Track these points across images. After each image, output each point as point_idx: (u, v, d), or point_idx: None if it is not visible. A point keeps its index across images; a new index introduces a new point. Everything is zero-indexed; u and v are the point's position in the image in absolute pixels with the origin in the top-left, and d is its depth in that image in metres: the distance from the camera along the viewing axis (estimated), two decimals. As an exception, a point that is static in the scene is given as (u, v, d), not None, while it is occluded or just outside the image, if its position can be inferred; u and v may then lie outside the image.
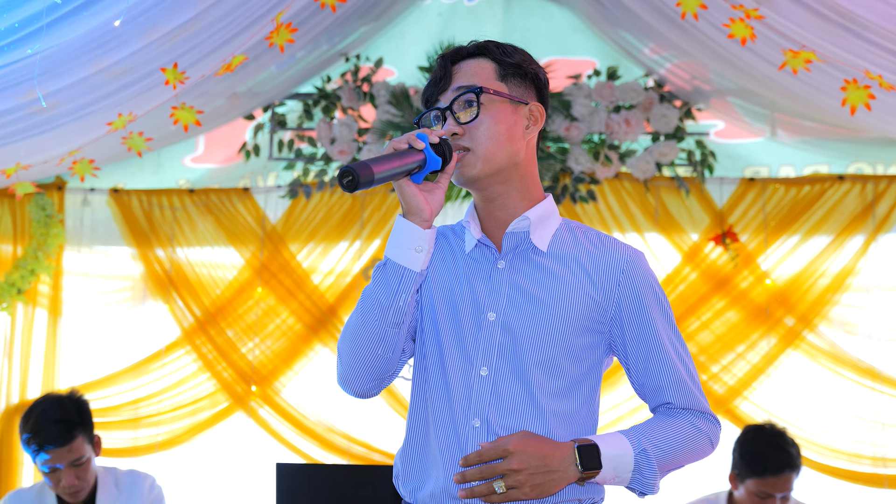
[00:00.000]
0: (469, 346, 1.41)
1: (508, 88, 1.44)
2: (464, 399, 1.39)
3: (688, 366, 1.46)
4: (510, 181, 1.44)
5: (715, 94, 3.44)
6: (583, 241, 1.46)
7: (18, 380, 3.69)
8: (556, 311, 1.40)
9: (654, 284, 1.46)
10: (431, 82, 1.46)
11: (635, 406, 3.39)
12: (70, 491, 2.52)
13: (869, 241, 3.40)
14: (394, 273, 1.36)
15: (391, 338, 1.38)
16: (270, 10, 2.78)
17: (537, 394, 1.38)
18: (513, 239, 1.44)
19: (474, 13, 3.66)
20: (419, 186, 1.36)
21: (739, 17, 2.39)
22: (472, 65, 1.44)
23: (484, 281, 1.43)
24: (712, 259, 3.46)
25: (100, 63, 2.80)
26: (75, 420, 2.50)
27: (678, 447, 1.41)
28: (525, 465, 1.32)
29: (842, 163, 3.51)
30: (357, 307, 1.41)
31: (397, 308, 1.36)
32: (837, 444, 3.33)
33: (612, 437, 1.38)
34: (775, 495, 2.59)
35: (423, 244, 1.35)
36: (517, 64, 1.45)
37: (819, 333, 3.38)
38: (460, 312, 1.42)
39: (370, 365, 1.41)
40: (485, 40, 1.47)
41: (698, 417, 1.45)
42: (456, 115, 1.42)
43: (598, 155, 3.43)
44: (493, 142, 1.41)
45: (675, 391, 1.44)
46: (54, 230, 3.69)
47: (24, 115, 2.94)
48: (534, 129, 1.46)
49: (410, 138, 1.34)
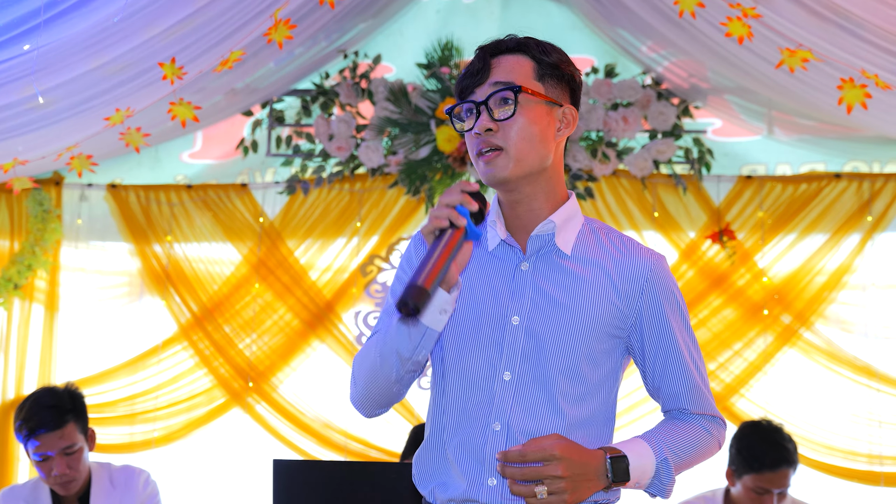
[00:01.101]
0: (492, 350, 1.40)
1: (545, 89, 1.42)
2: (485, 403, 1.39)
3: (701, 371, 1.48)
4: (538, 183, 1.42)
5: (712, 92, 3.44)
6: (606, 245, 1.45)
7: (15, 375, 3.69)
8: (580, 316, 1.40)
9: (675, 290, 1.46)
10: (468, 73, 1.42)
11: (634, 402, 3.41)
12: (62, 481, 2.51)
13: (865, 239, 3.41)
14: (417, 331, 1.35)
15: (407, 380, 1.42)
16: (269, 6, 2.78)
17: (559, 399, 1.38)
18: (537, 242, 1.42)
19: (472, 10, 3.66)
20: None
21: (737, 15, 2.40)
22: (510, 61, 1.41)
23: (507, 282, 1.42)
24: (709, 257, 3.47)
25: (98, 59, 2.80)
26: (67, 406, 2.50)
27: (693, 452, 1.44)
28: (570, 473, 1.32)
29: (838, 161, 3.52)
30: (375, 347, 1.41)
31: (416, 360, 1.38)
32: (833, 441, 3.34)
33: (637, 447, 1.39)
34: (772, 491, 2.60)
35: (448, 308, 1.34)
36: (555, 64, 1.43)
37: (815, 331, 3.39)
38: (483, 315, 1.41)
39: (384, 398, 1.45)
40: (525, 36, 1.44)
41: (709, 421, 1.48)
42: (492, 111, 1.39)
43: (595, 152, 3.43)
44: (526, 143, 1.38)
45: (690, 398, 1.46)
46: (51, 225, 3.69)
47: (22, 111, 2.94)
48: (565, 132, 1.44)
49: (452, 216, 1.30)
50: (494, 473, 1.37)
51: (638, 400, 3.42)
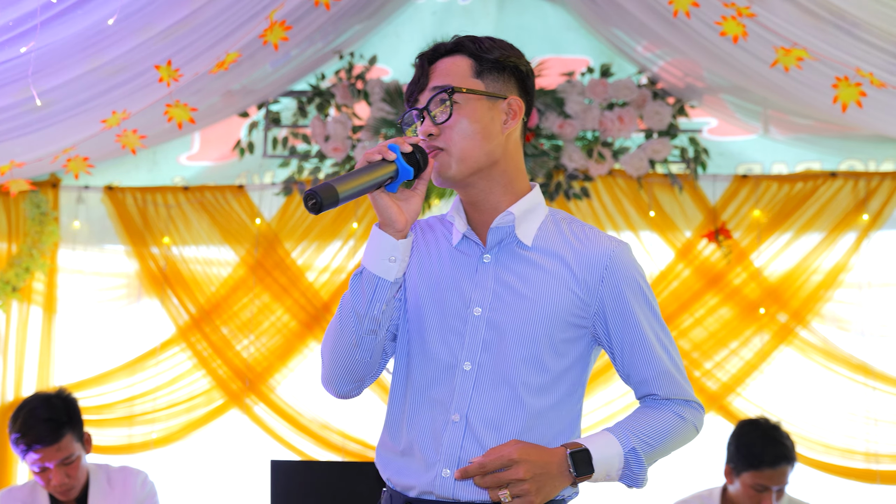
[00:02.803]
0: (454, 341, 1.42)
1: (485, 84, 1.43)
2: (446, 393, 1.41)
3: (672, 356, 1.48)
4: (491, 177, 1.43)
5: (708, 91, 3.45)
6: (567, 235, 1.46)
7: (13, 378, 3.69)
8: (541, 306, 1.41)
9: (638, 277, 1.46)
10: (412, 81, 1.47)
11: (630, 402, 3.40)
12: (61, 489, 2.53)
13: (861, 238, 3.41)
14: (369, 283, 1.37)
15: (368, 344, 1.41)
16: (264, 7, 2.78)
17: (519, 389, 1.39)
18: (497, 234, 1.44)
19: (468, 11, 3.67)
20: (394, 196, 1.36)
21: (731, 14, 2.40)
22: (448, 63, 1.44)
23: (470, 275, 1.44)
24: (705, 256, 3.47)
25: (94, 61, 2.81)
26: (63, 419, 2.50)
27: (665, 439, 1.44)
28: (531, 474, 1.33)
29: (834, 160, 3.53)
30: (336, 314, 1.43)
31: (372, 316, 1.38)
32: (830, 439, 3.35)
33: (602, 438, 1.40)
34: (771, 488, 2.61)
35: (396, 254, 1.36)
36: (495, 59, 1.44)
37: (812, 330, 3.39)
38: (446, 306, 1.43)
39: (349, 369, 1.44)
40: (463, 36, 1.47)
41: (683, 406, 1.48)
42: (432, 114, 1.42)
43: (591, 152, 3.44)
44: (468, 140, 1.40)
45: (661, 383, 1.46)
46: (49, 228, 3.69)
47: (19, 113, 2.94)
48: (513, 123, 1.45)
49: (382, 149, 1.34)
50: (450, 464, 1.39)
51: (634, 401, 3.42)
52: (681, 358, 1.49)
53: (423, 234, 1.50)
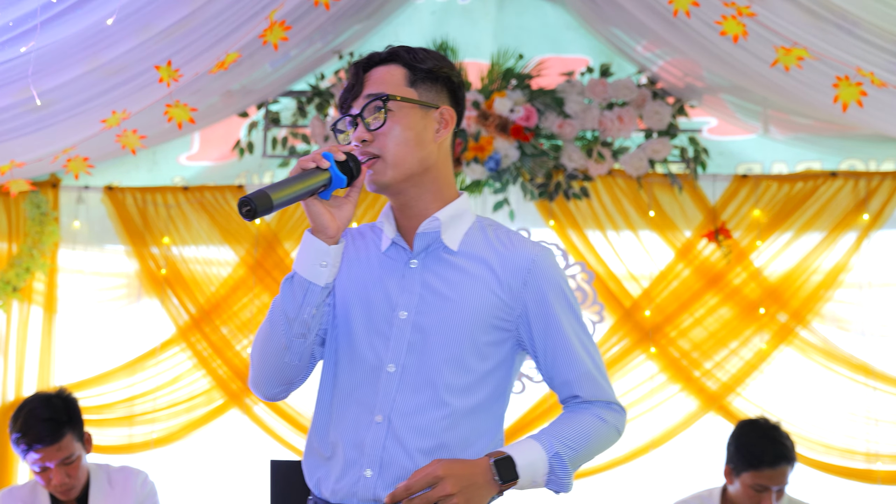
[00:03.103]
0: (379, 344, 1.45)
1: (418, 93, 1.47)
2: (370, 395, 1.44)
3: (594, 359, 1.50)
4: (422, 184, 1.47)
5: (707, 91, 3.45)
6: (493, 241, 1.49)
7: (14, 377, 3.70)
8: (465, 309, 1.44)
9: (560, 281, 1.49)
10: (345, 89, 1.49)
11: (630, 402, 3.41)
12: (61, 489, 2.53)
13: (862, 238, 3.41)
14: (300, 286, 1.40)
15: (297, 347, 1.43)
16: (264, 8, 2.78)
17: (442, 390, 1.42)
18: (424, 239, 1.48)
19: (468, 11, 3.67)
20: (327, 203, 1.39)
21: (731, 14, 2.40)
22: (382, 71, 1.47)
23: (397, 280, 1.47)
24: (705, 256, 3.47)
25: (94, 61, 2.81)
26: (63, 419, 2.50)
27: (587, 443, 1.47)
28: (459, 487, 1.35)
29: (834, 159, 3.53)
30: (266, 317, 1.46)
31: (302, 320, 1.41)
32: (830, 440, 3.35)
33: (526, 445, 1.42)
34: (771, 488, 2.61)
35: (328, 260, 1.38)
36: (428, 69, 1.48)
37: (812, 329, 3.39)
38: (373, 310, 1.46)
39: (277, 371, 1.46)
40: (397, 46, 1.51)
41: (605, 408, 1.50)
42: (366, 121, 1.45)
43: (591, 152, 3.44)
44: (402, 147, 1.44)
45: (583, 384, 1.48)
46: (49, 228, 3.69)
47: (19, 114, 2.95)
48: (444, 132, 1.49)
49: (316, 158, 1.36)
50: (372, 464, 1.41)
51: (629, 401, 3.43)
52: (603, 362, 1.53)
53: (353, 241, 1.53)
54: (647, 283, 3.48)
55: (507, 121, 3.41)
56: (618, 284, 3.49)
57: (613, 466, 3.38)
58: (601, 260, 3.50)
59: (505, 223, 3.54)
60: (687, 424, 3.40)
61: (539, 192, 3.47)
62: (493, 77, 3.48)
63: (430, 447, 1.42)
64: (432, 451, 1.42)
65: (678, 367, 3.42)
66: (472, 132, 3.43)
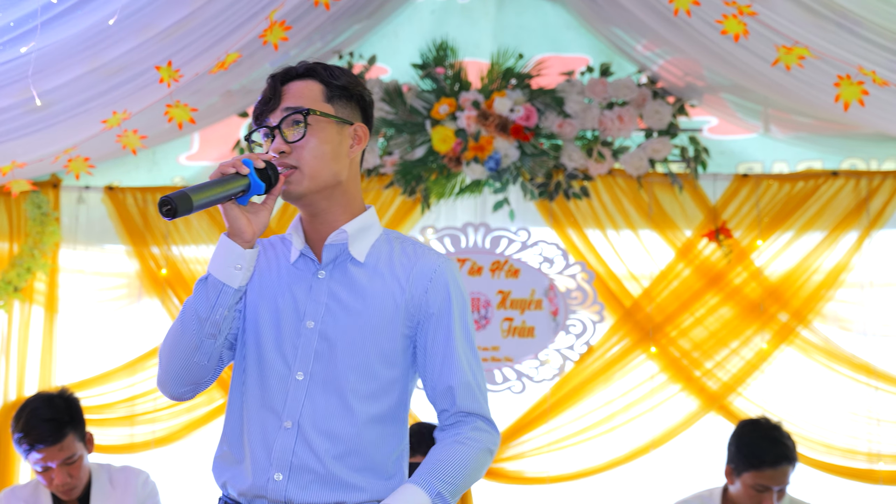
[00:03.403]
0: (288, 352, 1.49)
1: (335, 109, 1.52)
2: (279, 402, 1.48)
3: (475, 372, 1.54)
4: (333, 197, 1.52)
5: (708, 90, 3.44)
6: (398, 252, 1.55)
7: (15, 377, 3.70)
8: (370, 319, 1.50)
9: (458, 295, 1.54)
10: (262, 101, 1.53)
11: (630, 402, 3.41)
12: (63, 489, 2.54)
13: (863, 237, 3.40)
14: (213, 288, 1.45)
15: (207, 347, 1.48)
16: (264, 8, 2.78)
17: (349, 397, 1.48)
18: (332, 251, 1.52)
19: (467, 11, 3.66)
20: (244, 208, 1.43)
21: (732, 13, 2.40)
22: (300, 86, 1.51)
23: (305, 290, 1.51)
24: (706, 255, 3.46)
25: (94, 61, 2.81)
26: (65, 419, 2.51)
27: (465, 473, 1.50)
28: None
29: (835, 158, 3.52)
30: (177, 317, 1.50)
31: (214, 321, 1.46)
32: (832, 440, 3.34)
33: (407, 493, 1.45)
34: (772, 488, 2.60)
35: (242, 263, 1.43)
36: (344, 86, 1.53)
37: (813, 329, 3.39)
38: (281, 319, 1.51)
39: (187, 371, 1.51)
40: (314, 62, 1.55)
41: (476, 429, 1.53)
42: (284, 133, 1.48)
43: (591, 151, 3.44)
44: (318, 160, 1.48)
45: (463, 393, 1.52)
46: (50, 228, 3.69)
47: (20, 114, 2.95)
48: (357, 148, 1.54)
49: (236, 163, 1.41)
50: (282, 468, 1.46)
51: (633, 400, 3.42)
52: (485, 381, 1.57)
53: (264, 251, 1.57)
54: (648, 282, 3.47)
55: (507, 120, 3.41)
56: (618, 284, 3.48)
57: (614, 466, 3.37)
58: (601, 259, 3.49)
59: (505, 223, 3.56)
60: (687, 424, 3.40)
61: (539, 192, 3.47)
62: (492, 77, 3.48)
63: (341, 452, 1.47)
64: (342, 456, 1.47)
65: (679, 366, 3.42)
66: (472, 132, 3.43)
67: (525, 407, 3.46)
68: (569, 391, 3.44)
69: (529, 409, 3.46)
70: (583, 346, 3.44)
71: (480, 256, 3.50)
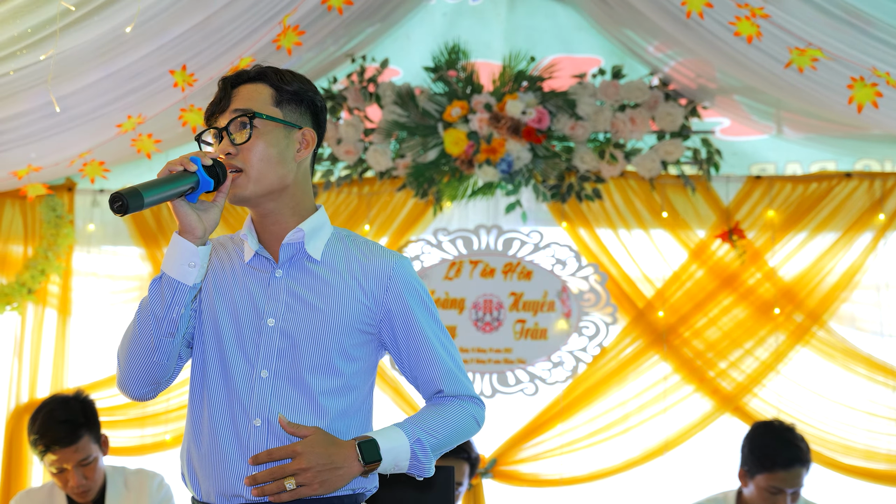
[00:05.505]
0: (250, 351, 1.51)
1: (283, 114, 1.53)
2: (246, 400, 1.50)
3: (454, 357, 1.61)
4: (281, 200, 1.54)
5: (720, 92, 3.43)
6: (352, 250, 1.58)
7: (28, 379, 3.72)
8: (331, 315, 1.52)
9: (418, 287, 1.58)
10: (212, 102, 1.55)
11: (643, 403, 3.40)
12: (78, 491, 2.55)
13: (877, 239, 3.39)
14: (168, 286, 1.45)
15: (166, 346, 1.49)
16: (278, 13, 2.79)
17: (315, 393, 1.50)
18: (289, 249, 1.54)
19: (479, 13, 3.66)
20: (194, 206, 1.45)
21: (745, 15, 2.40)
22: (250, 89, 1.53)
23: (263, 289, 1.53)
24: (719, 256, 3.46)
25: (110, 67, 2.83)
26: (81, 420, 2.53)
27: (448, 431, 1.56)
28: (312, 464, 1.44)
29: (849, 160, 3.50)
30: (133, 319, 1.51)
31: (170, 319, 1.46)
32: (849, 440, 3.32)
33: (389, 431, 1.52)
34: (786, 491, 2.60)
35: (195, 260, 1.44)
36: (294, 91, 1.55)
37: (829, 330, 3.37)
38: (241, 319, 1.53)
39: (147, 371, 1.51)
40: (266, 66, 1.57)
41: (467, 401, 1.60)
42: (231, 136, 1.50)
43: (603, 153, 3.43)
44: (264, 164, 1.50)
45: (446, 380, 1.58)
46: (64, 231, 3.71)
47: (36, 119, 2.97)
48: (305, 153, 1.56)
49: (184, 161, 1.42)
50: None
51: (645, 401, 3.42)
52: (461, 359, 1.63)
53: (215, 251, 1.59)
54: (661, 283, 3.47)
55: (520, 123, 3.41)
56: (631, 285, 3.48)
57: (627, 468, 3.36)
58: (614, 261, 3.49)
59: (517, 225, 3.56)
60: (702, 426, 3.39)
61: (551, 194, 3.47)
62: (504, 79, 3.48)
63: None
64: None
65: (692, 367, 3.41)
66: (484, 134, 3.43)
67: (538, 409, 3.46)
68: (582, 393, 3.44)
69: (542, 411, 3.45)
70: (596, 348, 3.44)
71: (493, 258, 3.50)
